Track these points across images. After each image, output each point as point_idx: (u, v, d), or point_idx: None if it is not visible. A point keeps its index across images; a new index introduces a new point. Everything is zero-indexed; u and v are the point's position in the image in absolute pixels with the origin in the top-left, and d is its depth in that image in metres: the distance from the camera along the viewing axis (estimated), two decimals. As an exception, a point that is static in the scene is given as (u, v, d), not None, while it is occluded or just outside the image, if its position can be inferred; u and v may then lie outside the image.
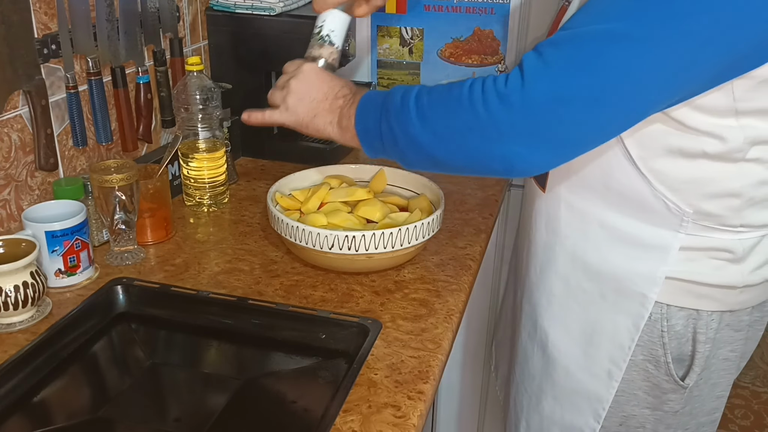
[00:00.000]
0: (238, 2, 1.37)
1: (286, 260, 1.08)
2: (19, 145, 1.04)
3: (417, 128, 0.81)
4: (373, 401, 0.79)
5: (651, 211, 0.86)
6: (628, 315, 0.91)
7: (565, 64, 0.72)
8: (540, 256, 1.01)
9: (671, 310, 0.90)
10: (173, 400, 0.89)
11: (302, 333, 0.94)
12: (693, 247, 0.87)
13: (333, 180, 1.18)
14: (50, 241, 0.96)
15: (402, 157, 0.86)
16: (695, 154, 0.81)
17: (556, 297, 0.99)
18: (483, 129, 0.76)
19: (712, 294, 0.89)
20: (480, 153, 0.78)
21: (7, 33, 0.98)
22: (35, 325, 0.91)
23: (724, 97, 0.76)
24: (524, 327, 1.07)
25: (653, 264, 0.88)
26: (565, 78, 0.72)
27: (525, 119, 0.73)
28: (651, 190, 0.85)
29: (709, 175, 0.82)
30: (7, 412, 0.81)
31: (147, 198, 1.10)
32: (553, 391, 1.01)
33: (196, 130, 1.22)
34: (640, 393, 0.95)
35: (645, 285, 0.89)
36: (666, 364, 0.92)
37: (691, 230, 0.86)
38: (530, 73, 0.73)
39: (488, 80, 0.76)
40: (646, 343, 0.92)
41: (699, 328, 0.90)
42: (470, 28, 1.46)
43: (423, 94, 0.82)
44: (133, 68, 1.23)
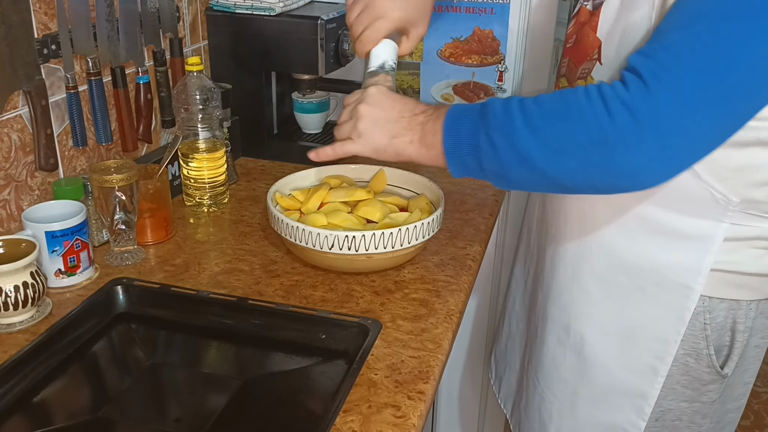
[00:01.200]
0: (238, 2, 1.37)
1: (286, 260, 1.08)
2: (19, 146, 1.04)
3: (528, 142, 0.75)
4: (373, 401, 0.79)
5: (694, 202, 0.84)
6: (670, 308, 0.89)
7: (685, 65, 0.70)
8: (571, 257, 0.98)
9: (713, 302, 0.89)
10: (173, 400, 0.89)
11: (302, 333, 0.94)
12: (737, 237, 0.85)
13: (333, 180, 1.18)
14: (50, 242, 0.96)
15: (503, 174, 0.80)
16: (750, 142, 0.79)
17: (591, 296, 0.96)
18: (609, 141, 0.71)
19: (752, 283, 0.88)
20: (605, 167, 0.73)
21: (7, 33, 0.98)
22: (35, 326, 0.91)
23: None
24: (550, 332, 1.04)
25: (697, 255, 0.86)
26: (689, 82, 0.69)
27: (654, 128, 0.70)
28: (697, 180, 0.82)
29: (759, 161, 0.81)
30: (7, 412, 0.81)
31: (147, 198, 1.10)
32: (591, 393, 0.99)
33: (196, 130, 1.22)
34: (678, 387, 0.94)
35: (689, 276, 0.87)
36: (708, 356, 0.91)
37: (736, 219, 0.84)
38: (652, 77, 0.70)
39: (604, 87, 0.73)
40: (688, 337, 0.90)
41: (738, 318, 0.89)
42: (470, 28, 1.46)
43: (529, 104, 0.77)
44: (133, 68, 1.23)
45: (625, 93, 0.71)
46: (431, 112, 0.87)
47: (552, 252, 1.04)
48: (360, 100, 0.91)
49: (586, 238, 0.96)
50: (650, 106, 0.70)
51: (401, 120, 0.88)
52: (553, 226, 1.03)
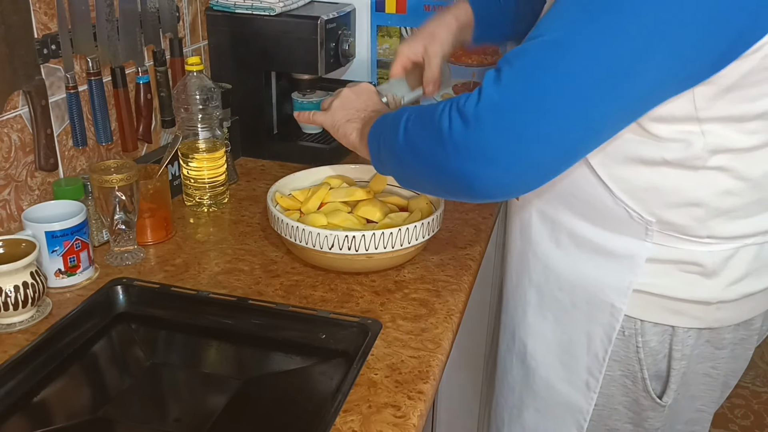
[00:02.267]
0: (238, 2, 1.37)
1: (286, 260, 1.08)
2: (19, 146, 1.04)
3: (400, 142, 0.82)
4: (373, 401, 0.79)
5: (615, 220, 0.84)
6: (599, 325, 0.90)
7: (511, 77, 0.70)
8: (515, 265, 1.01)
9: (645, 326, 0.88)
10: (173, 400, 0.89)
11: (302, 333, 0.94)
12: (661, 258, 0.84)
13: (333, 180, 1.18)
14: (50, 242, 0.96)
15: (393, 172, 0.87)
16: (655, 161, 0.79)
17: (531, 306, 0.97)
18: (444, 145, 0.74)
19: (687, 310, 0.86)
20: (442, 170, 0.76)
21: (7, 33, 0.98)
22: (35, 326, 0.91)
23: (686, 103, 0.74)
24: (502, 338, 1.06)
25: (621, 274, 0.86)
26: (510, 91, 0.70)
27: (475, 135, 0.71)
28: (612, 198, 0.83)
29: (670, 183, 0.80)
30: (7, 412, 0.81)
31: (147, 198, 1.10)
32: (535, 402, 1.00)
33: (196, 130, 1.22)
34: (620, 408, 0.94)
35: (614, 295, 0.87)
36: (643, 380, 0.90)
37: (657, 240, 0.83)
38: (485, 88, 0.71)
39: (462, 97, 0.75)
40: (623, 359, 0.90)
41: (675, 345, 0.88)
42: (470, 28, 1.46)
43: (414, 110, 0.82)
44: (133, 68, 1.23)
45: (464, 103, 0.73)
46: (380, 113, 0.94)
47: (504, 258, 1.06)
48: (349, 85, 1.03)
49: (526, 249, 0.98)
50: (475, 115, 0.71)
51: (362, 111, 0.97)
52: (506, 234, 1.06)
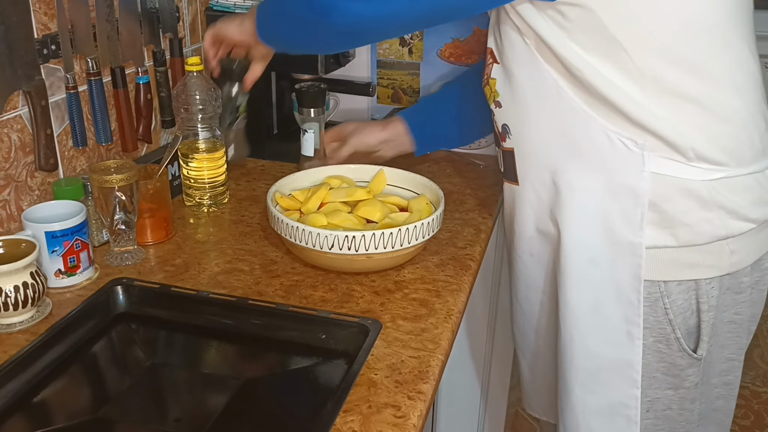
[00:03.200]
0: (238, 2, 1.37)
1: (286, 260, 1.08)
2: (19, 146, 1.04)
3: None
4: (373, 401, 0.79)
5: (614, 156, 0.88)
6: (624, 269, 0.91)
7: None
8: (526, 246, 1.03)
9: (669, 286, 0.90)
10: (173, 401, 0.89)
11: (302, 333, 0.94)
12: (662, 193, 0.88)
13: (333, 180, 1.18)
14: (50, 242, 0.96)
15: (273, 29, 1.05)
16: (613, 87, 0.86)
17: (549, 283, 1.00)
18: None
19: (704, 260, 0.90)
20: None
21: (6, 33, 0.98)
22: (35, 326, 0.91)
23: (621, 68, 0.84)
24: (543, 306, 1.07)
25: (630, 210, 0.89)
26: None
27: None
28: (604, 130, 0.88)
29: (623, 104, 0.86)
30: (7, 412, 0.81)
31: (147, 198, 1.10)
32: (578, 378, 0.99)
33: (196, 130, 1.22)
34: (659, 375, 0.95)
35: (628, 232, 0.90)
36: (677, 340, 0.92)
37: (653, 167, 0.87)
38: None
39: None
40: (653, 324, 0.92)
41: (700, 298, 0.91)
42: (470, 28, 1.46)
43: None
44: (133, 68, 1.23)
45: None
46: None
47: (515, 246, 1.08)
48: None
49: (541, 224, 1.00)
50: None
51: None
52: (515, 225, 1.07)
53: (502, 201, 1.37)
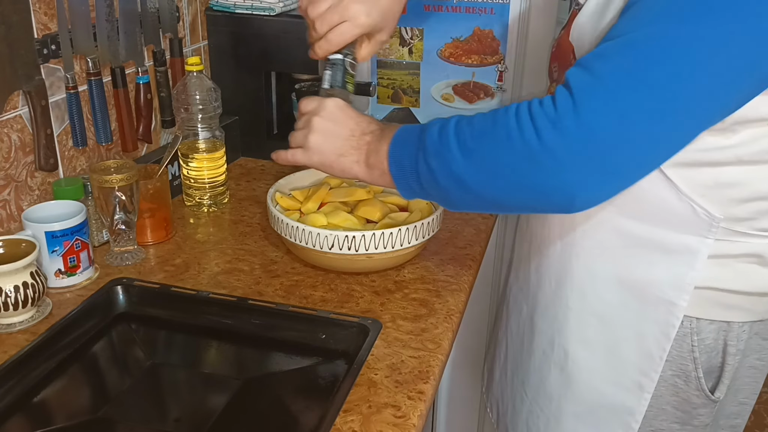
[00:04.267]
0: (238, 2, 1.37)
1: (286, 260, 1.08)
2: (19, 146, 1.04)
3: (461, 165, 0.73)
4: (373, 401, 0.79)
5: (676, 217, 0.81)
6: (655, 324, 0.87)
7: (619, 75, 0.66)
8: (553, 269, 0.96)
9: (701, 324, 0.86)
10: (173, 400, 0.89)
11: (302, 333, 0.94)
12: (723, 254, 0.82)
13: (333, 180, 1.18)
14: (50, 242, 0.96)
15: (445, 199, 0.79)
16: (727, 161, 0.77)
17: (572, 311, 0.94)
18: (538, 161, 0.68)
19: (742, 303, 0.85)
20: (536, 187, 0.70)
21: (7, 33, 0.98)
22: (35, 326, 0.91)
23: (762, 104, 0.72)
24: (537, 346, 1.02)
25: (680, 270, 0.83)
26: (622, 91, 0.65)
27: (584, 144, 0.66)
28: (677, 194, 0.80)
29: (738, 178, 0.78)
30: (7, 412, 0.81)
31: (147, 198, 1.10)
32: (575, 408, 0.97)
33: (196, 130, 1.22)
34: (668, 408, 0.92)
35: (672, 293, 0.84)
36: (697, 378, 0.89)
37: (721, 235, 0.81)
38: (581, 91, 0.66)
39: (534, 104, 0.70)
40: (675, 358, 0.88)
41: (729, 340, 0.87)
42: (470, 28, 1.46)
43: (463, 126, 0.75)
44: (133, 68, 1.23)
45: (552, 109, 0.68)
46: (378, 133, 0.85)
47: (537, 263, 1.01)
48: (316, 112, 0.89)
49: (566, 251, 0.94)
50: (578, 122, 0.66)
51: (351, 139, 0.87)
52: (538, 236, 1.01)
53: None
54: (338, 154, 0.87)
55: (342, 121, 0.88)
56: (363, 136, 0.86)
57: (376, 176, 0.85)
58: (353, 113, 0.89)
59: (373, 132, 0.86)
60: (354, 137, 0.87)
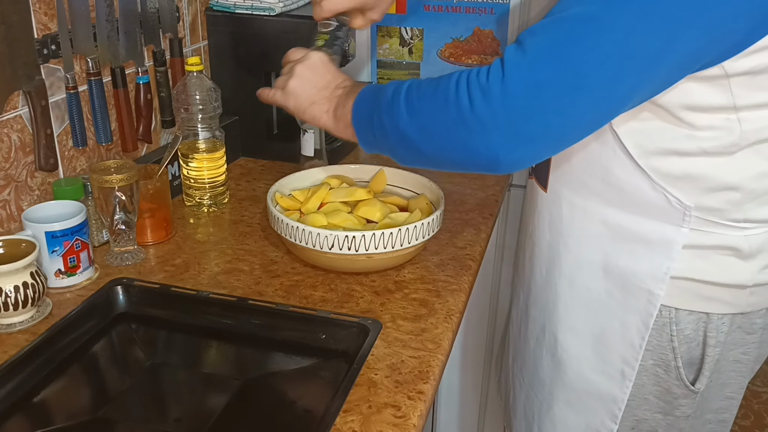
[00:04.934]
0: (238, 2, 1.37)
1: (286, 260, 1.08)
2: (19, 146, 1.04)
3: (406, 122, 0.81)
4: (373, 401, 0.79)
5: (652, 206, 0.85)
6: (636, 313, 0.90)
7: (540, 51, 0.71)
8: (544, 257, 1.00)
9: (680, 314, 0.88)
10: (173, 400, 0.89)
11: (302, 333, 0.94)
12: (698, 244, 0.85)
13: (333, 180, 1.18)
14: (50, 242, 0.96)
15: (393, 152, 0.86)
16: (692, 152, 0.81)
17: (561, 298, 0.97)
18: (467, 123, 0.75)
19: (721, 296, 0.87)
20: (465, 147, 0.77)
21: (7, 33, 0.98)
22: (35, 326, 0.91)
23: (723, 93, 0.76)
24: (531, 332, 1.05)
25: (658, 260, 0.87)
26: (540, 65, 0.71)
27: (505, 111, 0.72)
28: (651, 184, 0.84)
29: (706, 170, 0.82)
30: (7, 412, 0.81)
31: (147, 198, 1.10)
32: (565, 394, 1.00)
33: (196, 130, 1.22)
34: (651, 397, 0.94)
35: (651, 282, 0.88)
36: (676, 368, 0.91)
37: (695, 225, 0.84)
38: (509, 63, 0.72)
39: (473, 73, 0.76)
40: (656, 348, 0.90)
41: (709, 332, 0.89)
42: (470, 28, 1.46)
43: (413, 88, 0.81)
44: (133, 68, 1.23)
45: (485, 78, 0.73)
46: (349, 89, 0.91)
47: (530, 251, 1.05)
48: (300, 60, 0.96)
49: (556, 241, 0.97)
50: (503, 91, 0.72)
51: (325, 90, 0.93)
52: (530, 225, 1.04)
53: (502, 201, 1.37)
54: (311, 102, 0.94)
55: (321, 72, 0.95)
56: (336, 89, 0.93)
57: (341, 128, 0.91)
58: (333, 68, 0.97)
59: (345, 87, 0.93)
60: (328, 89, 0.93)
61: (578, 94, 0.71)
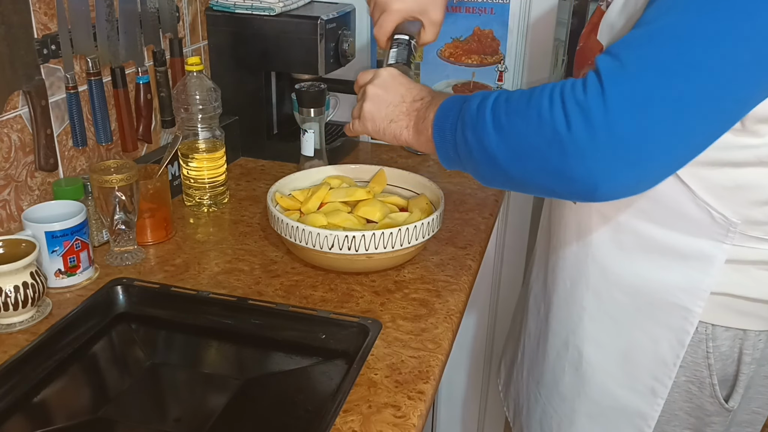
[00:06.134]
0: (238, 2, 1.37)
1: (286, 260, 1.08)
2: (19, 146, 1.04)
3: (493, 141, 0.73)
4: (373, 401, 0.79)
5: (692, 221, 0.80)
6: (669, 330, 0.86)
7: (642, 64, 0.64)
8: (569, 269, 0.96)
9: (717, 330, 0.85)
10: (173, 400, 0.89)
11: (302, 333, 0.94)
12: (739, 259, 0.81)
13: (333, 180, 1.18)
14: (50, 242, 0.96)
15: (476, 172, 0.79)
16: (747, 162, 0.76)
17: (587, 312, 0.93)
18: (563, 146, 0.67)
19: (759, 311, 0.84)
20: (561, 173, 0.68)
21: (7, 33, 0.98)
22: (35, 326, 0.91)
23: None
24: (552, 346, 1.01)
25: (696, 276, 0.82)
26: (644, 79, 0.64)
27: (607, 130, 0.64)
28: (693, 198, 0.79)
29: (758, 180, 0.77)
30: (7, 412, 0.81)
31: (147, 198, 1.10)
32: (589, 409, 0.96)
33: (196, 130, 1.22)
34: (681, 414, 0.91)
35: (687, 299, 0.83)
36: (711, 386, 0.88)
37: (738, 241, 0.80)
38: (608, 75, 0.65)
39: (567, 86, 0.68)
40: (690, 364, 0.87)
41: (745, 349, 0.86)
42: (470, 28, 1.46)
43: (501, 101, 0.74)
44: (132, 68, 1.23)
45: (582, 95, 0.66)
46: (428, 100, 0.87)
47: (553, 263, 1.01)
48: (370, 81, 0.92)
49: (583, 252, 0.93)
50: (604, 110, 0.64)
51: (401, 105, 0.89)
52: (555, 237, 1.00)
53: (502, 201, 1.37)
54: (389, 120, 0.89)
55: (393, 88, 0.90)
56: (414, 102, 0.88)
57: (422, 142, 0.86)
58: (405, 80, 0.91)
59: (423, 99, 0.87)
60: (405, 103, 0.89)
61: (688, 112, 0.64)
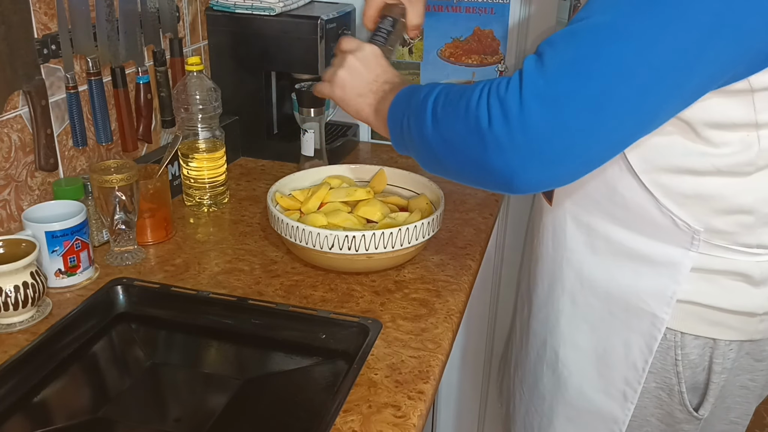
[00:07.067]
0: (238, 2, 1.37)
1: (286, 260, 1.08)
2: (19, 146, 1.04)
3: (429, 130, 0.77)
4: (373, 401, 0.79)
5: (659, 228, 0.81)
6: (639, 335, 0.87)
7: (560, 63, 0.66)
8: (547, 272, 0.97)
9: (686, 338, 0.85)
10: (173, 400, 0.89)
11: (302, 333, 0.94)
12: (706, 268, 0.82)
13: (333, 180, 1.18)
14: (50, 242, 0.96)
15: (419, 158, 0.82)
16: (706, 171, 0.77)
17: (564, 315, 0.95)
18: (483, 138, 0.69)
19: (729, 321, 0.84)
20: (480, 164, 0.71)
21: (7, 33, 0.98)
22: (35, 326, 0.91)
23: (746, 108, 0.72)
24: (532, 346, 1.02)
25: (663, 282, 0.83)
26: (560, 79, 0.65)
27: (522, 128, 0.67)
28: (657, 206, 0.80)
29: (719, 190, 0.78)
30: (7, 412, 0.81)
31: (147, 198, 1.10)
32: (566, 411, 0.97)
33: (196, 130, 1.22)
34: (653, 420, 0.91)
35: (655, 305, 0.84)
36: (680, 393, 0.88)
37: (704, 249, 0.81)
38: (527, 76, 0.67)
39: (495, 83, 0.71)
40: (659, 371, 0.88)
41: (715, 358, 0.85)
42: (470, 28, 1.46)
43: (442, 94, 0.77)
44: (133, 68, 1.23)
45: (504, 92, 0.68)
46: (396, 84, 0.89)
47: (533, 266, 1.02)
48: (352, 51, 0.93)
49: (559, 256, 0.94)
50: (520, 107, 0.66)
51: (373, 83, 0.91)
52: (535, 239, 1.01)
53: (502, 201, 1.37)
54: (358, 94, 0.91)
55: (372, 66, 0.92)
56: (384, 83, 0.90)
57: (379, 123, 0.89)
58: (384, 62, 0.93)
59: (393, 83, 0.90)
60: (376, 82, 0.91)
61: (602, 111, 0.65)
